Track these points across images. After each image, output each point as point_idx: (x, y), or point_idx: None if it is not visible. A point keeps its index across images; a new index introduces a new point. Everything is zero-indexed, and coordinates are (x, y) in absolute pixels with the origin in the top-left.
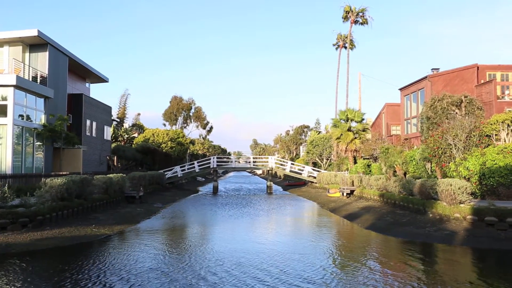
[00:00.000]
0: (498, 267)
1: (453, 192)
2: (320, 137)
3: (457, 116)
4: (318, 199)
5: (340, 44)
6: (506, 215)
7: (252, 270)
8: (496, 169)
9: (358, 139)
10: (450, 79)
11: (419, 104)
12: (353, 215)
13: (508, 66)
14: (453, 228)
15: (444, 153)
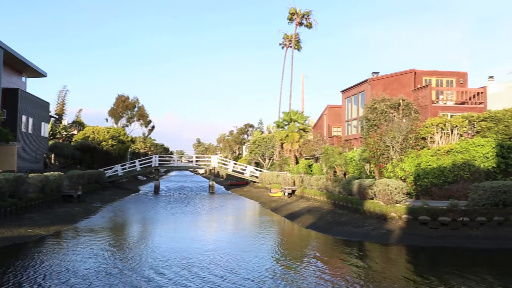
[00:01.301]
0: (431, 263)
1: (390, 192)
2: (263, 137)
3: (395, 118)
4: (260, 198)
5: (286, 44)
6: (438, 214)
7: (199, 270)
8: (430, 170)
9: (300, 140)
10: (389, 83)
11: (359, 106)
12: (294, 215)
13: (443, 72)
14: (390, 227)
15: (382, 155)
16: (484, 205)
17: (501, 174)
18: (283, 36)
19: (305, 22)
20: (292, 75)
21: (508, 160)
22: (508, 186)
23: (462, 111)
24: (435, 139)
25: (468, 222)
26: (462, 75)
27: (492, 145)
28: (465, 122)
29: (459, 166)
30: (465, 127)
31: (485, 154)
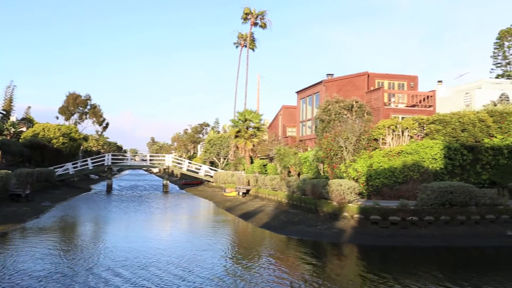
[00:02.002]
0: (382, 262)
1: (342, 192)
2: (218, 137)
3: (348, 120)
4: (215, 198)
5: (241, 43)
6: (388, 214)
7: (157, 270)
8: (381, 171)
9: (255, 139)
10: (343, 85)
11: (314, 107)
12: (248, 214)
13: (395, 76)
14: (342, 226)
15: (335, 155)
16: (432, 204)
17: (448, 175)
18: (237, 35)
19: (260, 22)
20: (247, 75)
21: (455, 162)
22: (454, 187)
23: (412, 113)
24: (387, 141)
25: (417, 221)
26: (413, 78)
27: (440, 147)
28: (415, 124)
29: (409, 167)
30: (415, 129)
31: (433, 155)
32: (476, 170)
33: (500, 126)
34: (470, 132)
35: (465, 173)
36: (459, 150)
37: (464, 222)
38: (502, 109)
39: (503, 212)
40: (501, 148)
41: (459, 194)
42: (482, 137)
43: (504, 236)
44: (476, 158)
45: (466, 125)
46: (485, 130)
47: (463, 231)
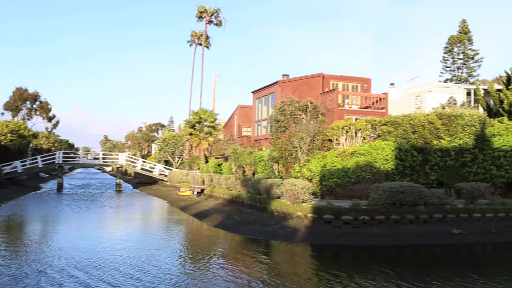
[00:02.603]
0: (334, 261)
1: (296, 192)
2: (173, 136)
3: (303, 120)
4: (169, 197)
5: (195, 42)
6: (341, 213)
7: (114, 271)
8: (334, 171)
9: (210, 139)
10: (298, 85)
11: (269, 107)
12: (202, 214)
13: (349, 77)
14: (296, 225)
15: (290, 155)
16: (383, 204)
17: (399, 175)
18: (191, 33)
19: (215, 20)
20: (202, 74)
21: (405, 163)
22: (405, 187)
23: (365, 115)
24: (340, 141)
25: (369, 220)
26: (366, 81)
27: (391, 148)
28: (368, 125)
29: (362, 168)
30: (368, 130)
31: (385, 156)
32: (425, 171)
33: (448, 129)
34: (420, 134)
35: (415, 173)
36: (410, 151)
37: (413, 221)
38: (450, 112)
39: (449, 211)
40: (448, 149)
41: (409, 194)
42: (431, 139)
43: (450, 235)
44: (425, 159)
45: (416, 127)
46: (434, 132)
47: (412, 229)
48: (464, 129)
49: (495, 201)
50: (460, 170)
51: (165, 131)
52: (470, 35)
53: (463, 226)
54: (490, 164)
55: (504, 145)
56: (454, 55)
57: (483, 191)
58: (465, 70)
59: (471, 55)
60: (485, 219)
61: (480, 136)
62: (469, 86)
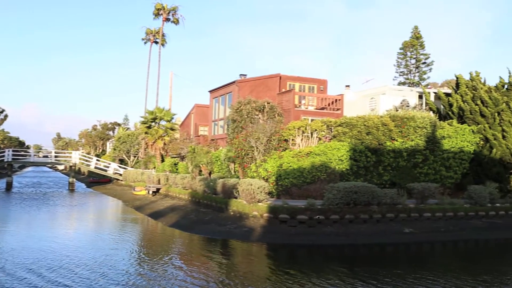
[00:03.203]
0: (289, 260)
1: (252, 192)
2: (128, 134)
3: (260, 120)
4: (123, 197)
5: (150, 39)
6: (297, 213)
7: (68, 273)
8: (290, 171)
9: (166, 138)
10: (256, 86)
11: (226, 107)
12: (158, 213)
13: (306, 79)
14: (252, 225)
15: (246, 155)
16: (338, 204)
17: (353, 176)
18: (145, 31)
19: (172, 18)
20: (159, 72)
21: (359, 163)
22: (359, 187)
23: (321, 116)
24: (297, 142)
25: (323, 220)
26: (323, 82)
27: (346, 148)
28: (324, 126)
29: (317, 168)
30: (324, 131)
31: (340, 157)
32: (378, 171)
33: (400, 130)
34: (374, 135)
35: (368, 174)
36: (364, 152)
37: (367, 221)
38: (403, 115)
39: (401, 211)
40: (401, 151)
41: (363, 194)
42: (384, 140)
43: (402, 233)
44: (379, 160)
45: (370, 128)
46: (387, 133)
47: (365, 229)
48: (416, 131)
49: (444, 201)
50: (411, 171)
51: (120, 130)
52: (422, 40)
53: (414, 225)
54: (440, 165)
55: (453, 147)
56: (407, 59)
57: (433, 191)
58: (417, 73)
59: (422, 60)
60: (434, 218)
61: (431, 138)
62: (421, 90)
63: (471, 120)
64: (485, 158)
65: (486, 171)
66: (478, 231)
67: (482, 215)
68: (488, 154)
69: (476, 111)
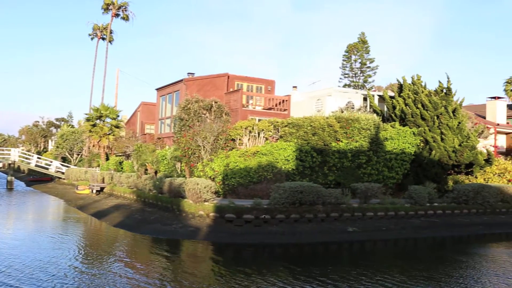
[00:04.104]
0: (235, 259)
1: (199, 191)
2: (72, 131)
3: (207, 119)
4: (66, 196)
5: (97, 35)
6: (243, 212)
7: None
8: (237, 171)
9: (111, 136)
10: (203, 84)
11: (174, 105)
12: (102, 213)
13: (254, 79)
14: (198, 224)
15: (193, 154)
16: (284, 203)
17: (299, 176)
18: (93, 26)
19: (122, 14)
20: (105, 68)
21: (305, 163)
22: (304, 187)
23: (269, 116)
24: (244, 141)
25: (269, 219)
26: (271, 82)
27: (292, 149)
28: (271, 126)
29: (264, 167)
30: (271, 131)
31: (286, 157)
32: (324, 172)
33: (345, 132)
34: (320, 136)
35: (314, 174)
36: (310, 152)
37: (312, 220)
38: (348, 116)
39: (345, 210)
40: (345, 151)
41: (308, 193)
42: (330, 141)
43: (345, 232)
44: (324, 160)
45: (316, 129)
46: (333, 134)
47: (310, 228)
48: (360, 133)
49: (386, 200)
50: (355, 171)
51: (63, 127)
52: (368, 45)
53: (357, 224)
54: (383, 166)
55: (395, 148)
56: (352, 62)
57: (376, 191)
58: (362, 76)
59: (367, 63)
60: (377, 217)
61: (375, 140)
62: (365, 92)
63: (413, 123)
64: (425, 160)
65: (426, 172)
66: (418, 229)
67: (421, 214)
68: (428, 155)
69: (417, 114)
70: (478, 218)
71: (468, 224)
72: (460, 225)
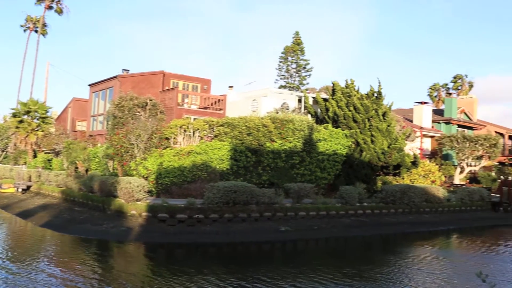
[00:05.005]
0: (167, 259)
1: (131, 190)
2: None
3: (141, 117)
4: None
5: (30, 27)
6: (176, 212)
7: None
8: (171, 170)
9: (40, 132)
10: (138, 82)
11: (107, 102)
12: (27, 213)
13: (190, 77)
14: (130, 224)
15: (126, 152)
16: (217, 203)
17: (233, 175)
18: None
19: (56, 7)
20: (36, 62)
21: (240, 163)
22: (238, 186)
23: (204, 115)
24: (178, 140)
25: (203, 219)
26: (207, 82)
27: (227, 148)
28: (206, 126)
29: (198, 167)
30: (206, 130)
31: (221, 156)
32: (258, 172)
33: (280, 132)
34: (255, 136)
35: (248, 174)
36: (244, 152)
37: (245, 219)
38: (282, 117)
39: (278, 210)
40: (279, 152)
41: (242, 193)
42: (264, 141)
43: (278, 232)
44: (258, 160)
45: (251, 129)
46: (267, 135)
47: (244, 227)
48: (294, 133)
49: (318, 200)
50: (289, 172)
51: None
52: (303, 46)
53: (290, 223)
54: (315, 167)
55: (328, 150)
56: (288, 64)
57: (308, 191)
58: (298, 78)
59: (303, 65)
60: (309, 217)
61: (308, 141)
62: (300, 94)
63: (345, 125)
64: (355, 161)
65: (356, 172)
66: (348, 228)
67: (351, 213)
68: (359, 157)
69: (349, 116)
70: (404, 217)
71: (395, 223)
72: (387, 224)
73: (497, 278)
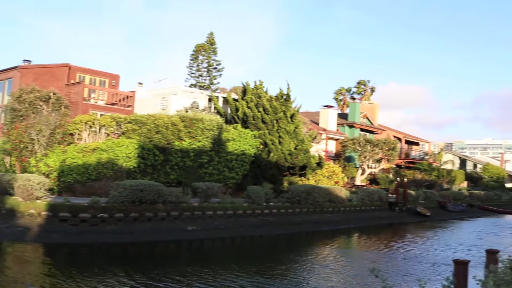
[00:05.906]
0: (68, 259)
1: (30, 188)
2: None
3: (44, 111)
4: None
5: None
6: (79, 211)
7: None
8: (75, 167)
9: None
10: (41, 74)
11: (5, 94)
12: None
13: (97, 72)
14: (27, 224)
15: (26, 148)
16: (123, 202)
17: (141, 174)
18: None
19: None
20: None
21: (147, 161)
22: (145, 185)
23: (111, 111)
24: (83, 136)
25: (107, 218)
26: (115, 77)
27: (135, 146)
28: (113, 122)
29: (103, 164)
30: (113, 127)
31: (128, 154)
32: (166, 170)
33: (189, 131)
34: (163, 134)
35: (156, 172)
36: (152, 150)
37: (152, 219)
38: (192, 116)
39: (186, 209)
40: (188, 151)
41: (149, 192)
42: (173, 140)
43: (185, 231)
44: (166, 159)
45: (160, 127)
46: (176, 133)
47: (150, 227)
48: (204, 133)
49: (225, 200)
50: (197, 171)
51: None
52: (216, 46)
53: (197, 222)
54: (224, 166)
55: (236, 150)
56: (199, 62)
57: (216, 190)
58: (208, 77)
59: (214, 65)
60: (216, 216)
61: (217, 140)
62: (211, 93)
63: (254, 126)
64: (263, 161)
65: (264, 172)
66: (254, 228)
67: (258, 213)
68: (267, 157)
69: (258, 117)
70: (308, 217)
71: (300, 222)
72: (293, 224)
73: (389, 272)
